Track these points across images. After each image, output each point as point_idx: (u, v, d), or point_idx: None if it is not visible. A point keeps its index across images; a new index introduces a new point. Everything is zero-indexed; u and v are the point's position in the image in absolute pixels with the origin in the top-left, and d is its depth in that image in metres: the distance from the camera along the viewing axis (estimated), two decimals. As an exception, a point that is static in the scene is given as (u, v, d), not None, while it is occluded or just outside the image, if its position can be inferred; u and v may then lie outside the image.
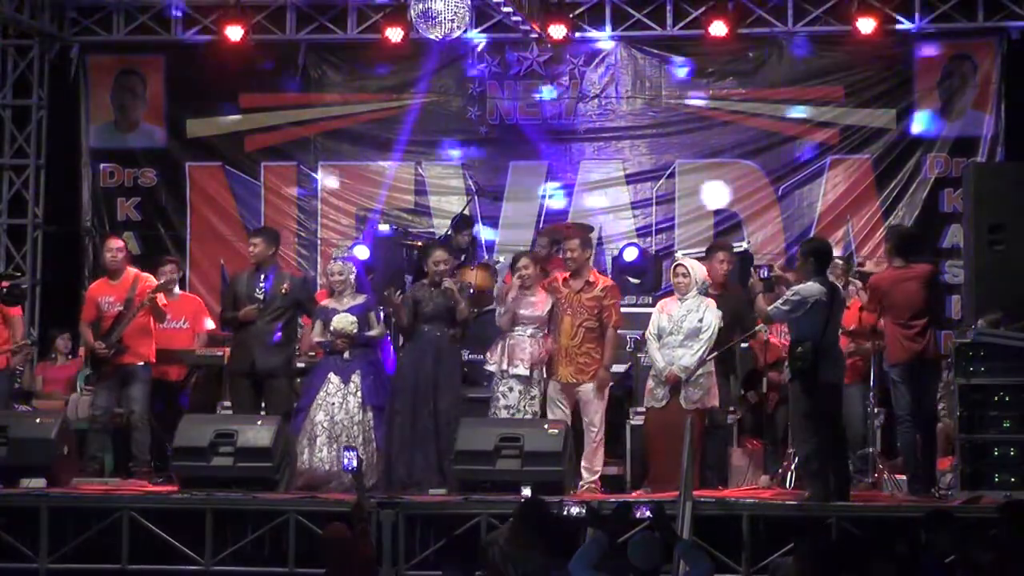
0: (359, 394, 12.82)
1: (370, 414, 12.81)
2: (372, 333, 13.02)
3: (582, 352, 12.80)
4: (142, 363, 13.46)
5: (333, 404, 12.81)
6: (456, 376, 13.02)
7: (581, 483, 12.65)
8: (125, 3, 16.97)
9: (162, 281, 13.77)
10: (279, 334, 13.09)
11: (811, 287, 11.77)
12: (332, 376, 12.89)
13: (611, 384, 13.29)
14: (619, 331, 13.17)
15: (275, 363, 13.20)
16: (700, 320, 12.66)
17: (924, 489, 12.06)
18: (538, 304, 12.93)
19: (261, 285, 13.29)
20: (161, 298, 13.64)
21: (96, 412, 13.48)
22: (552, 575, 9.22)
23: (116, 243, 13.95)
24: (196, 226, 17.20)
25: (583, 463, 12.72)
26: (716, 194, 16.59)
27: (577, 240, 13.09)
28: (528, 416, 12.74)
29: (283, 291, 13.26)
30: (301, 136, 17.23)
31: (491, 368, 12.96)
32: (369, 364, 12.94)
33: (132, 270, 13.86)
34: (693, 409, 12.49)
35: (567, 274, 13.04)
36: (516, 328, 12.89)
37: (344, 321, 12.86)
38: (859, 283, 13.63)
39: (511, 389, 12.83)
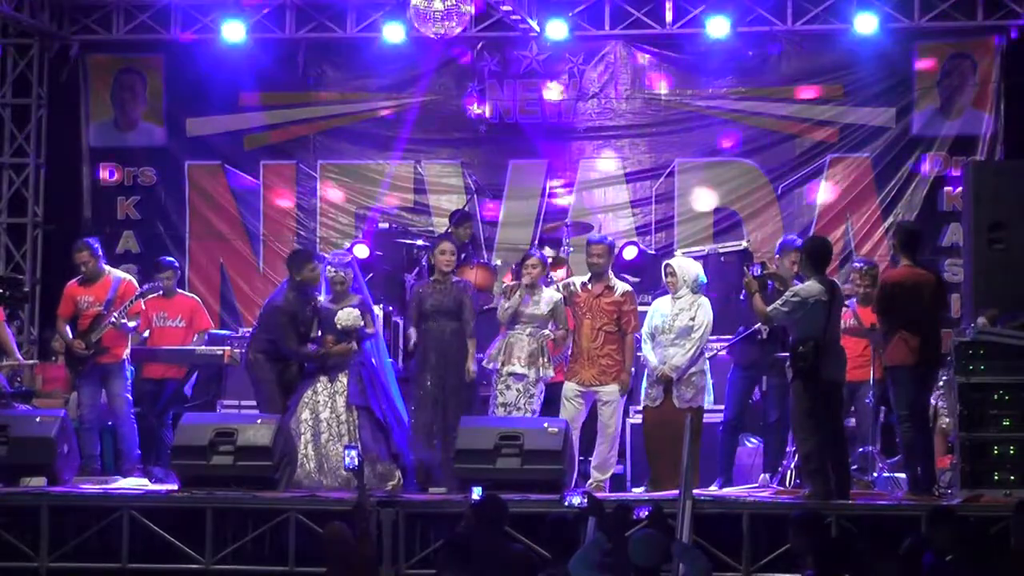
0: (345, 394, 12.81)
1: (355, 414, 12.79)
2: (367, 331, 13.00)
3: (604, 355, 12.83)
4: (118, 361, 13.53)
5: (319, 402, 12.80)
6: (462, 370, 12.93)
7: (589, 482, 12.68)
8: (125, 2, 16.97)
9: (144, 288, 13.79)
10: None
11: (811, 287, 11.76)
12: (321, 375, 12.89)
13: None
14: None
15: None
16: (692, 319, 12.68)
17: (924, 488, 12.06)
18: (541, 303, 12.96)
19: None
20: (140, 305, 13.66)
21: (83, 411, 13.50)
22: (549, 572, 9.24)
23: (81, 256, 13.76)
24: (195, 225, 17.21)
25: (594, 462, 12.79)
26: (706, 198, 16.63)
27: (604, 246, 13.13)
28: (527, 414, 12.76)
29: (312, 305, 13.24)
30: (301, 135, 17.23)
31: (488, 366, 12.99)
32: (358, 364, 12.91)
33: (112, 271, 13.86)
34: (686, 408, 12.52)
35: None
36: (516, 326, 12.91)
37: (350, 316, 12.84)
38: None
39: (508, 387, 12.85)
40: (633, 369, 13.47)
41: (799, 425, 11.88)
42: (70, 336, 13.55)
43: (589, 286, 12.99)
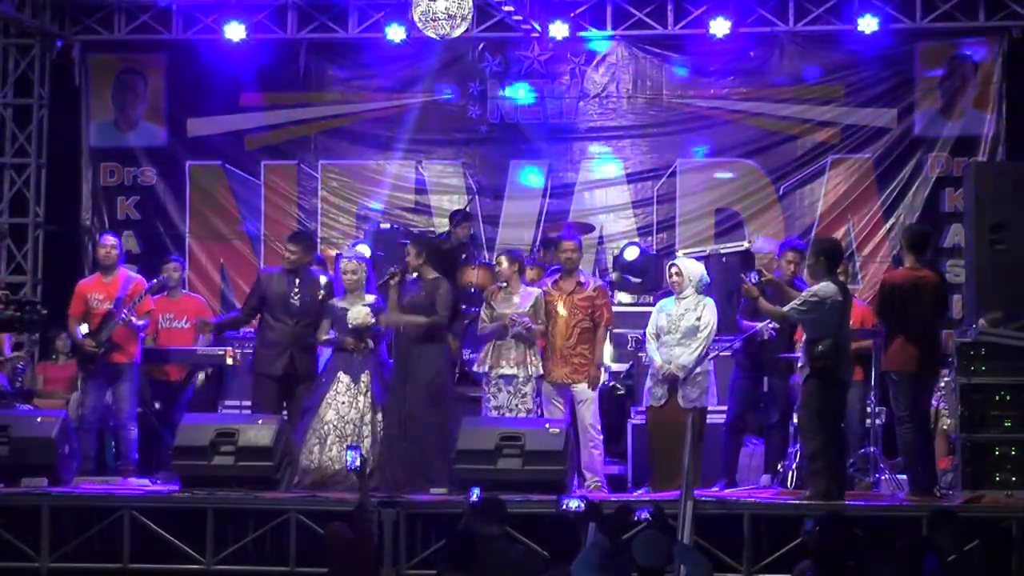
0: (369, 394, 12.74)
1: (379, 414, 12.76)
2: (383, 330, 13.00)
3: (576, 353, 12.85)
4: (130, 361, 13.51)
5: (343, 403, 12.73)
6: (429, 373, 12.68)
7: (585, 484, 12.65)
8: (126, 2, 16.97)
9: (154, 282, 13.80)
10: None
11: (827, 287, 11.74)
12: (342, 375, 12.80)
13: (609, 383, 13.34)
14: (620, 330, 13.19)
15: (311, 366, 13.17)
16: (698, 319, 12.68)
17: (925, 489, 12.05)
18: (520, 302, 12.94)
19: (296, 291, 13.20)
20: (149, 303, 13.66)
21: (84, 410, 13.49)
22: (550, 573, 9.24)
23: (110, 240, 13.97)
24: (196, 225, 17.21)
25: (584, 462, 12.74)
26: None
27: (575, 241, 13.16)
28: (520, 414, 12.76)
29: (320, 297, 13.21)
30: (301, 135, 17.24)
31: (479, 370, 13.00)
32: (378, 364, 12.88)
33: (126, 270, 13.87)
34: (691, 408, 12.51)
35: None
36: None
37: (362, 314, 12.80)
38: None
39: (500, 390, 12.86)
40: (625, 367, 13.52)
41: (806, 424, 11.84)
42: (80, 335, 13.53)
43: (561, 284, 13.01)
